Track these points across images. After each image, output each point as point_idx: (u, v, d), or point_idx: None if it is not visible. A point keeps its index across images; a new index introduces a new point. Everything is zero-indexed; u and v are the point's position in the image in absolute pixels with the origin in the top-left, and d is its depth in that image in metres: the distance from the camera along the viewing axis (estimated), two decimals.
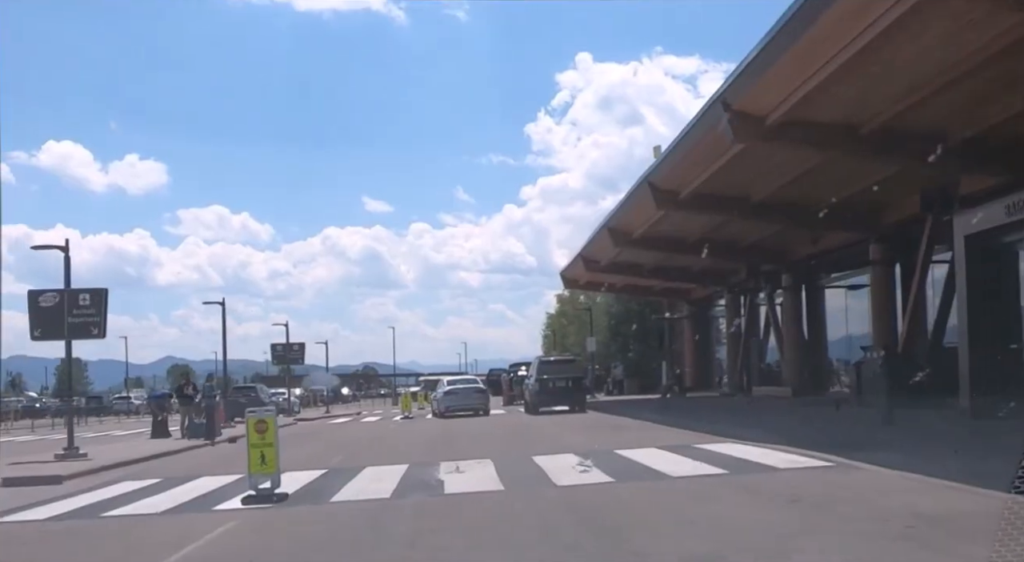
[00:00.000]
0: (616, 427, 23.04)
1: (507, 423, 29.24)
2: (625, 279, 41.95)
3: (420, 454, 17.60)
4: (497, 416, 35.55)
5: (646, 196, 25.70)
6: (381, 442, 22.70)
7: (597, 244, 35.16)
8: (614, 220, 30.96)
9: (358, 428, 31.68)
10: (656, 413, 27.19)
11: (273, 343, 45.91)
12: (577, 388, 33.92)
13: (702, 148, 21.32)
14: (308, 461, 17.13)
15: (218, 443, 25.38)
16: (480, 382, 39.35)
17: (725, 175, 22.93)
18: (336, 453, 18.94)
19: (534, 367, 34.95)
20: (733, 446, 15.29)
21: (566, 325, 75.01)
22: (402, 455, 17.63)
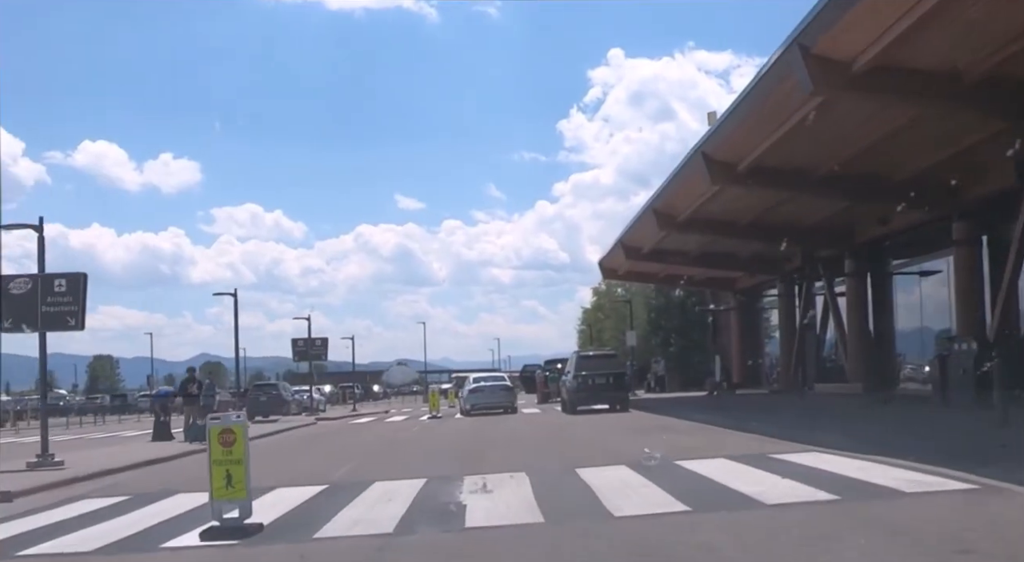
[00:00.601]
0: (668, 429, 20.25)
1: (543, 423, 26.54)
2: (667, 268, 39.03)
3: (442, 463, 14.97)
4: (531, 415, 32.85)
5: (698, 170, 22.84)
6: (401, 447, 20.09)
7: (639, 229, 32.32)
8: (660, 200, 28.10)
9: (380, 429, 29.13)
10: (708, 413, 24.35)
11: (294, 338, 43.57)
12: (618, 385, 31.18)
13: (768, 108, 18.47)
14: (310, 473, 14.56)
15: None
16: (507, 379, 38.25)
17: (791, 143, 20.06)
18: (346, 461, 16.35)
19: (571, 362, 32.24)
20: (821, 457, 12.47)
21: (603, 319, 72.16)
22: (421, 464, 15.03)
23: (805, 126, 17.91)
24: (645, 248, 34.63)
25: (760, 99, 18.40)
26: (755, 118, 19.35)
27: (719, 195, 24.58)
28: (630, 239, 34.78)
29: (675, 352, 48.94)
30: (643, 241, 33.99)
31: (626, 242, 35.31)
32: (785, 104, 17.62)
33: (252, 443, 20.92)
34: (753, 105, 18.94)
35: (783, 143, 20.14)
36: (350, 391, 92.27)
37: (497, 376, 39.40)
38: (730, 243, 32.50)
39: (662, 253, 35.27)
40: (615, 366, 31.86)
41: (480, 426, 26.98)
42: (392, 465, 15.37)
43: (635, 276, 44.29)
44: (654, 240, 32.52)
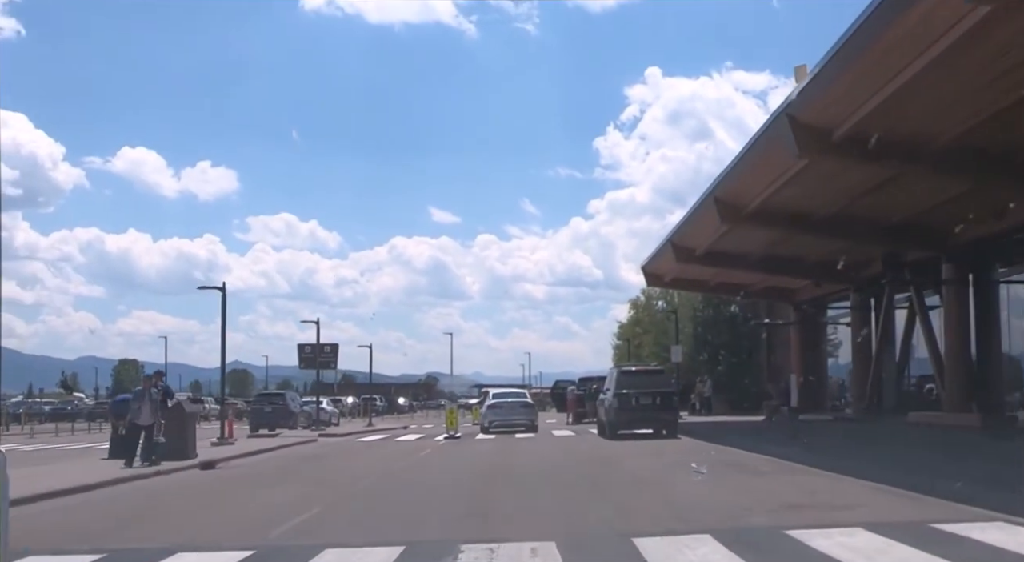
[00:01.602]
0: (742, 467, 15.60)
1: (577, 451, 21.95)
2: (721, 274, 34.27)
3: (436, 516, 10.52)
4: (563, 439, 28.22)
5: (780, 141, 18.21)
6: (393, 481, 15.58)
7: (695, 224, 27.64)
8: (725, 186, 23.46)
9: (384, 451, 24.69)
10: (781, 444, 19.64)
11: (300, 343, 39.26)
12: (666, 406, 26.57)
13: (878, 54, 13.89)
14: (243, 525, 10.19)
15: (184, 468, 18.57)
16: (528, 395, 36.64)
17: (899, 105, 15.47)
18: (311, 503, 11.91)
19: (612, 379, 27.65)
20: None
21: (641, 334, 67.23)
22: (406, 517, 10.58)
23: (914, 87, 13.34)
24: (699, 248, 29.94)
25: (874, 37, 13.78)
26: (859, 71, 14.73)
27: (803, 175, 19.88)
28: (683, 237, 30.08)
29: (723, 371, 44.06)
30: (698, 239, 29.31)
31: (677, 241, 30.62)
32: (896, 53, 13.05)
33: (225, 465, 16.08)
34: (860, 49, 14.30)
35: (890, 105, 15.55)
36: (372, 404, 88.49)
37: (518, 392, 37.17)
38: (800, 243, 27.77)
39: (718, 255, 30.57)
40: (663, 384, 27.20)
41: (500, 451, 22.44)
42: (366, 516, 10.90)
43: (682, 284, 39.52)
44: (712, 237, 27.84)
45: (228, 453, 23.13)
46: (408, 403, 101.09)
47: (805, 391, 36.70)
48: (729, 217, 23.89)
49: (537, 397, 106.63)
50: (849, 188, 21.16)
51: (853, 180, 20.34)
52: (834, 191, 21.56)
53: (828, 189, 21.33)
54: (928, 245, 24.80)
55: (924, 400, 28.46)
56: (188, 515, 11.51)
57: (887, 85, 15.40)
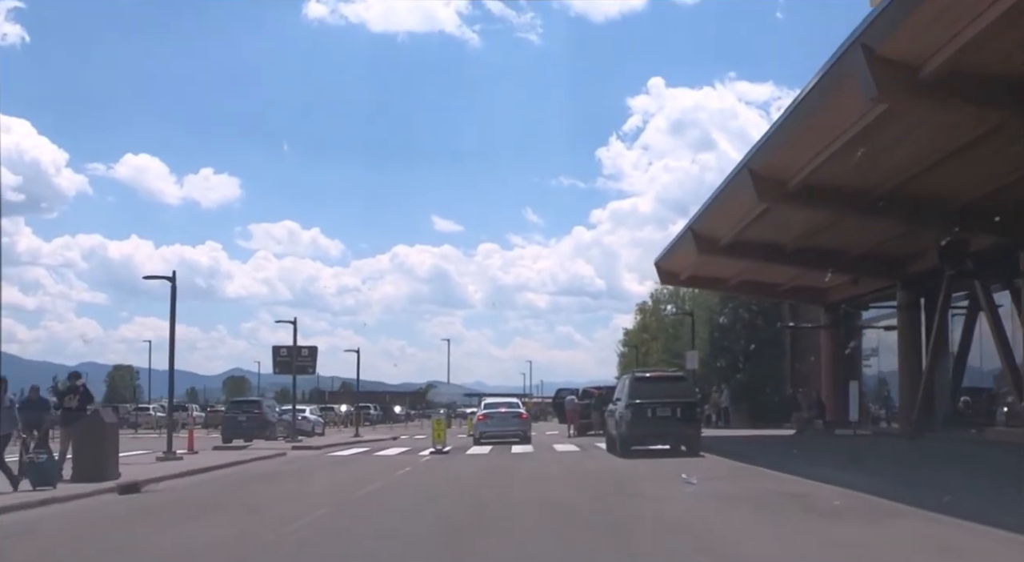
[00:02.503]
0: (806, 503, 11.75)
1: (585, 473, 18.10)
2: (748, 269, 30.31)
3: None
4: (566, 456, 24.37)
5: (848, 85, 14.34)
6: (346, 517, 11.73)
7: (723, 206, 23.70)
8: (762, 157, 19.53)
9: (354, 470, 20.84)
10: (844, 469, 15.74)
11: (275, 346, 35.34)
12: (688, 418, 22.89)
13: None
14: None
15: (95, 493, 14.72)
16: (521, 405, 35.23)
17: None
18: (216, 555, 8.05)
19: (624, 386, 23.84)
20: None
21: (649, 341, 63.33)
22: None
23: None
24: (725, 237, 26.02)
25: None
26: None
27: (868, 135, 15.98)
28: (706, 224, 26.11)
29: (743, 380, 40.15)
30: (724, 226, 25.37)
31: (699, 229, 26.67)
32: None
33: (152, 488, 14.27)
34: None
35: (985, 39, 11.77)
36: (365, 412, 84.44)
37: (510, 402, 35.61)
38: (843, 231, 23.94)
39: (746, 246, 26.65)
40: (683, 392, 23.39)
41: (491, 472, 18.60)
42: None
43: (700, 282, 35.55)
44: (741, 222, 23.92)
45: (168, 471, 19.30)
46: (405, 412, 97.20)
47: (835, 402, 32.84)
48: (768, 193, 19.98)
49: (538, 406, 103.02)
50: (918, 153, 17.27)
51: (925, 142, 16.46)
52: (901, 159, 17.68)
53: (893, 157, 17.44)
54: (999, 230, 20.89)
55: (977, 414, 24.66)
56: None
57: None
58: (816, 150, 17.92)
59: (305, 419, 45.04)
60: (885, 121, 15.05)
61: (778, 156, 19.06)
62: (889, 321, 30.70)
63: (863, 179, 19.38)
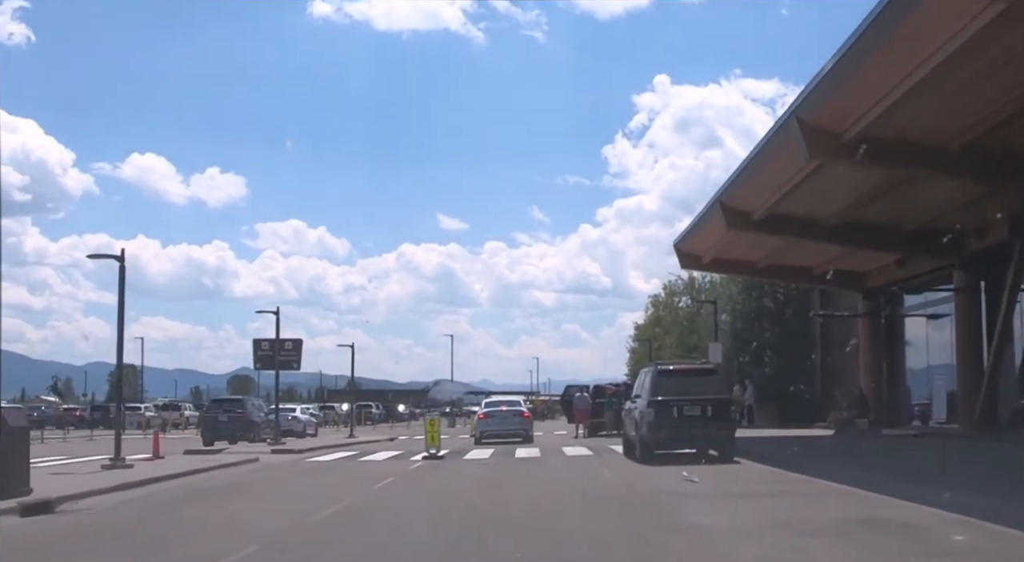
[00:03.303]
0: (915, 538, 8.44)
1: (602, 487, 14.81)
2: (780, 249, 26.82)
3: None
4: (578, 462, 21.10)
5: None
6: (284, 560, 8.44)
7: (760, 170, 20.21)
8: (814, 103, 16.11)
9: (328, 481, 17.61)
10: (928, 483, 12.38)
11: (256, 339, 32.09)
12: (720, 417, 19.77)
13: None
14: None
15: None
16: (523, 404, 34.57)
17: None
18: None
19: (645, 381, 20.60)
20: None
21: (662, 335, 59.94)
22: None
23: None
24: (759, 210, 22.61)
25: None
26: None
27: (955, 63, 12.65)
28: (739, 195, 22.60)
29: (769, 375, 36.75)
30: (760, 196, 21.89)
31: (730, 201, 23.18)
32: None
33: (69, 507, 12.25)
34: None
35: None
36: (365, 411, 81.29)
37: (511, 401, 35.10)
38: (899, 200, 20.60)
39: (781, 221, 23.25)
40: (714, 388, 20.15)
41: (489, 486, 15.30)
42: None
43: (724, 266, 32.08)
44: (781, 190, 20.47)
45: (101, 484, 16.08)
46: (408, 410, 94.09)
47: (875, 399, 29.49)
48: (821, 147, 16.55)
49: (546, 404, 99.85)
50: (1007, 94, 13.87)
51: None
52: (991, 98, 14.28)
53: (985, 91, 14.03)
54: None
55: None
56: None
57: None
58: (883, 90, 14.55)
59: (295, 419, 41.82)
60: (993, 35, 11.63)
61: (835, 100, 15.68)
62: (937, 308, 27.40)
63: (943, 125, 15.99)
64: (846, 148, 16.58)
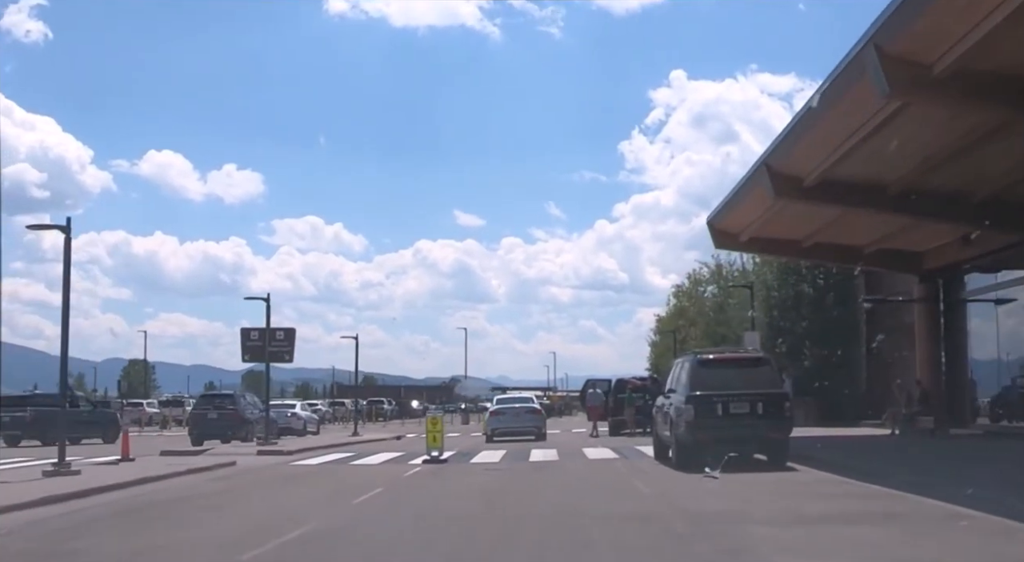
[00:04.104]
0: None
1: (640, 504, 11.65)
2: (830, 222, 23.36)
3: None
4: (603, 468, 18.01)
5: None
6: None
7: (822, 120, 16.85)
8: (893, 25, 12.87)
9: (296, 494, 14.61)
10: None
11: (244, 328, 29.09)
12: (773, 416, 16.80)
13: None
14: None
15: None
16: (535, 401, 33.70)
17: None
18: None
19: (681, 373, 17.54)
20: None
21: (686, 326, 56.63)
22: None
23: None
24: (812, 173, 19.22)
25: None
26: None
27: None
28: (790, 154, 19.04)
29: (808, 368, 33.48)
30: (815, 155, 18.46)
31: (779, 163, 19.60)
32: None
33: None
34: None
35: None
36: (379, 407, 78.31)
37: (524, 398, 34.65)
38: (987, 157, 17.34)
39: (836, 187, 19.92)
40: (766, 380, 17.06)
41: (490, 504, 12.14)
42: None
43: (764, 246, 28.62)
44: (843, 147, 17.11)
45: (25, 496, 13.23)
46: (423, 406, 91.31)
47: (939, 394, 26.21)
48: (903, 83, 13.31)
49: (563, 400, 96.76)
50: None
51: None
52: None
53: None
54: None
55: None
56: None
57: None
58: (986, 8, 11.34)
59: (295, 416, 38.88)
60: None
61: (924, 21, 12.44)
62: (1007, 292, 24.14)
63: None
64: (934, 84, 13.36)
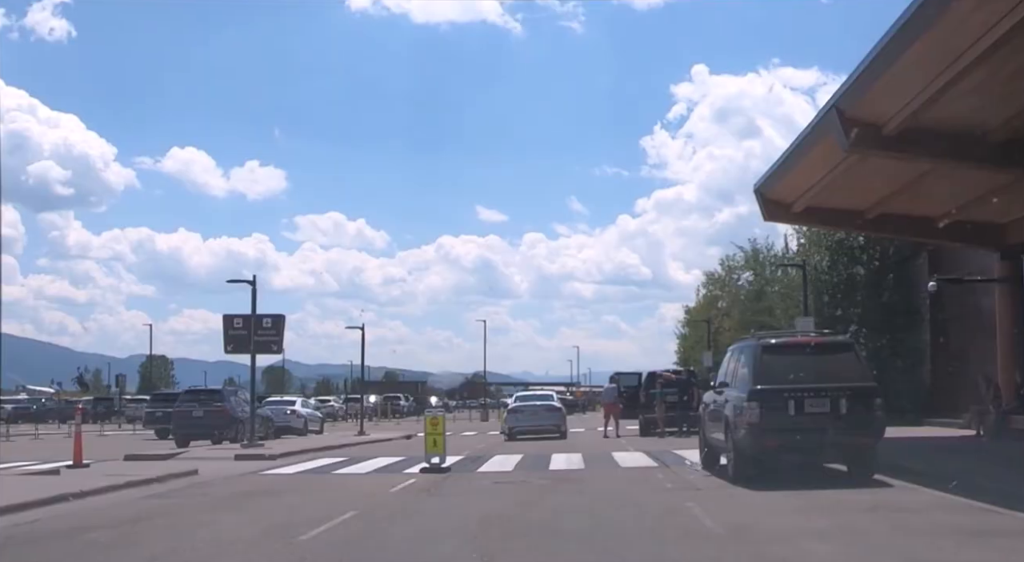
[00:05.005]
0: None
1: (701, 545, 8.04)
2: (910, 179, 19.54)
3: None
4: (640, 478, 14.38)
5: None
6: None
7: (911, 50, 13.11)
8: None
9: (224, 528, 11.06)
10: None
11: (227, 315, 25.64)
12: (861, 415, 13.19)
13: None
14: None
15: None
16: (555, 398, 32.71)
17: None
18: None
19: (739, 362, 14.05)
20: None
21: (720, 316, 52.85)
22: None
23: None
24: (897, 117, 15.48)
25: None
26: None
27: None
28: (868, 95, 15.30)
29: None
30: (904, 93, 14.62)
31: (853, 107, 15.79)
32: None
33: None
34: None
35: None
36: (395, 403, 75.10)
37: (543, 394, 33.64)
38: None
39: (925, 135, 16.28)
40: (850, 370, 13.64)
41: (495, 541, 8.57)
42: None
43: (821, 217, 24.48)
44: (943, 77, 13.39)
45: None
46: (443, 402, 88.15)
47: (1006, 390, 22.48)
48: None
49: (586, 396, 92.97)
50: None
51: None
52: None
53: None
54: None
55: None
56: None
57: None
58: None
59: (295, 414, 35.51)
60: None
61: None
62: None
63: None
64: None
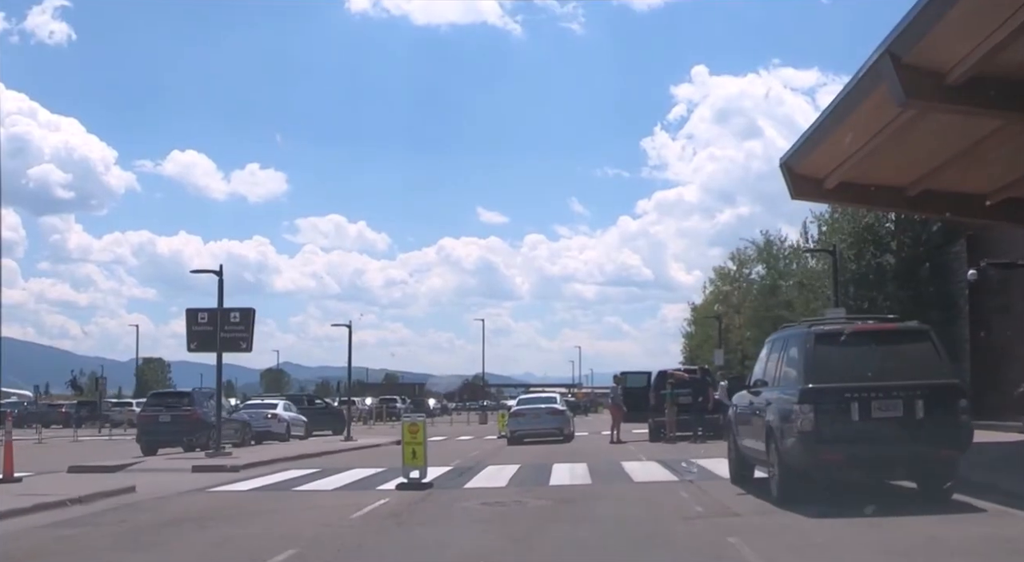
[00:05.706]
0: None
1: None
2: (974, 142, 16.89)
3: None
4: (659, 501, 11.55)
5: None
6: None
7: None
8: None
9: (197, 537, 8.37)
10: None
11: (190, 309, 22.94)
12: (943, 419, 10.42)
13: None
14: None
15: None
16: (558, 400, 32.06)
17: None
18: None
19: (784, 355, 11.34)
20: None
21: (727, 312, 50.11)
22: None
23: None
24: (965, 62, 12.80)
25: None
26: None
27: None
28: (929, 37, 12.76)
29: None
30: (974, 33, 12.17)
31: (910, 53, 13.21)
32: None
33: None
34: None
35: None
36: (391, 406, 72.56)
37: (546, 397, 33.45)
38: None
39: (1001, 86, 13.68)
40: (926, 364, 10.95)
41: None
42: None
43: (858, 194, 21.69)
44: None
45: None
46: (441, 405, 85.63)
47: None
48: None
49: (589, 397, 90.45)
50: None
51: None
52: None
53: None
54: None
55: None
56: None
57: None
58: None
59: (276, 418, 32.82)
60: None
61: None
62: None
63: None
64: None
